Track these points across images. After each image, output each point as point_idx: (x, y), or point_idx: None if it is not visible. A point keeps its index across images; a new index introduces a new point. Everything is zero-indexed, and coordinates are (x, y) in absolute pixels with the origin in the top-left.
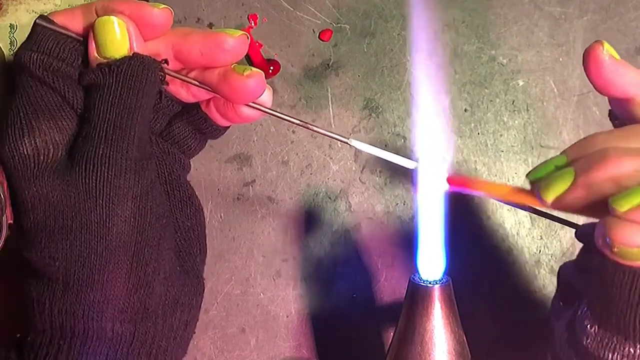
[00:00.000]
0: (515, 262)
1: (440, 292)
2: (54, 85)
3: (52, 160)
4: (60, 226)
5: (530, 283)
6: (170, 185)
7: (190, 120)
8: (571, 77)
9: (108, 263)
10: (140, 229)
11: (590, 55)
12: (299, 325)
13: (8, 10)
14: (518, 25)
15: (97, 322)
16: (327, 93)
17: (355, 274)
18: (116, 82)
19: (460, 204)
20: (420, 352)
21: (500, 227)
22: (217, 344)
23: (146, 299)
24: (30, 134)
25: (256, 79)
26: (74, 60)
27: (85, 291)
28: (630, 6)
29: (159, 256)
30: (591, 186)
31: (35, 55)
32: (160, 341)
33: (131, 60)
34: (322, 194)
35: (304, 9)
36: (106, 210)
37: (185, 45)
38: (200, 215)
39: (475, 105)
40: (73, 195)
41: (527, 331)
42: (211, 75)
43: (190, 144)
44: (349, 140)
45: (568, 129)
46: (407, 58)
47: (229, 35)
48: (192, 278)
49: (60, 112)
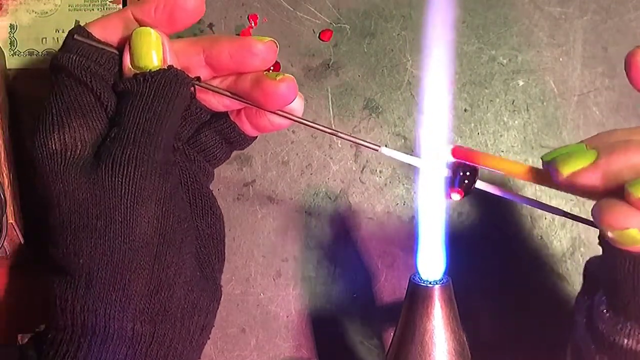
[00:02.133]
0: (515, 262)
1: (440, 292)
2: (91, 85)
3: (79, 158)
4: (85, 224)
5: (531, 283)
6: (192, 193)
7: (218, 129)
8: (571, 77)
9: (131, 263)
10: (162, 232)
11: (631, 61)
12: (299, 325)
13: (8, 10)
14: (518, 25)
15: (118, 321)
16: (327, 93)
17: (355, 274)
18: (149, 90)
19: (460, 204)
20: (420, 352)
21: (500, 227)
22: (217, 344)
23: (167, 301)
24: (60, 130)
25: (288, 83)
26: (111, 67)
27: (107, 290)
28: (630, 6)
29: (180, 260)
30: (610, 169)
31: (74, 57)
32: (177, 344)
33: (166, 73)
34: (322, 194)
35: (304, 9)
36: (130, 210)
37: (215, 48)
38: (221, 224)
39: (475, 105)
40: (99, 193)
41: (527, 331)
42: (243, 83)
43: (215, 153)
44: (380, 149)
45: (568, 129)
46: (407, 58)
47: (257, 40)
48: (211, 284)
49: (92, 111)
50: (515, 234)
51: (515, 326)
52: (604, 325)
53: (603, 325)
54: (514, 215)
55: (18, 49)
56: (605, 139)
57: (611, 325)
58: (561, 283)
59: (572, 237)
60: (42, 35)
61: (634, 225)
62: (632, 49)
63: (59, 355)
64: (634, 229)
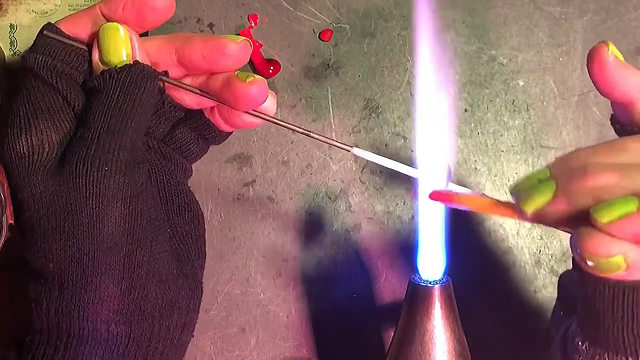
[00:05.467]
0: (515, 262)
1: (440, 292)
2: (57, 85)
3: (46, 160)
4: (53, 226)
5: (530, 283)
6: (169, 190)
7: (193, 126)
8: (571, 77)
9: (100, 264)
10: (131, 231)
11: (594, 55)
12: (299, 325)
13: (8, 10)
14: (518, 25)
15: (92, 322)
16: (327, 93)
17: (355, 274)
18: (114, 87)
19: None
20: (420, 352)
21: (500, 227)
22: (217, 344)
23: (141, 300)
24: (27, 132)
25: (259, 85)
26: (79, 65)
27: (79, 292)
28: (630, 6)
29: (152, 258)
30: (571, 199)
31: (40, 57)
32: (156, 343)
33: (132, 68)
34: (322, 194)
35: (304, 9)
36: (96, 210)
37: (188, 48)
38: (199, 220)
39: (475, 105)
40: (64, 195)
41: (527, 331)
42: (215, 82)
43: (192, 149)
44: (352, 149)
45: (568, 129)
46: (407, 58)
47: (230, 40)
48: (190, 281)
49: (59, 113)
50: (515, 234)
51: (516, 326)
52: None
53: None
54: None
55: (18, 49)
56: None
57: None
58: None
59: None
60: None
61: (617, 251)
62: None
63: (36, 358)
64: (618, 256)
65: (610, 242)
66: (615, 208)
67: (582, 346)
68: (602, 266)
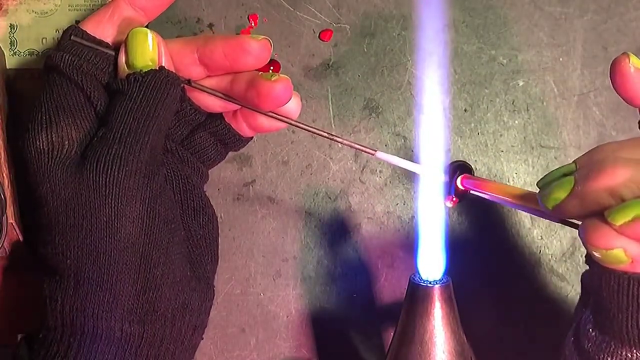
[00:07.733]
0: (515, 262)
1: (440, 292)
2: (81, 84)
3: (66, 157)
4: (72, 223)
5: (531, 283)
6: (184, 194)
7: (213, 131)
8: (571, 77)
9: (116, 263)
10: (148, 232)
11: (616, 67)
12: (299, 325)
13: (8, 10)
14: (518, 25)
15: (106, 321)
16: (327, 93)
17: (355, 274)
18: (139, 91)
19: (460, 204)
20: (420, 352)
21: (500, 227)
22: (217, 344)
23: (155, 301)
24: (48, 128)
25: (283, 84)
26: (104, 67)
27: (95, 290)
28: (630, 6)
29: (167, 260)
30: (586, 196)
31: (67, 56)
32: (168, 344)
33: (157, 74)
34: (322, 194)
35: (304, 9)
36: (115, 210)
37: (209, 46)
38: (214, 224)
39: (475, 105)
40: (84, 193)
41: (527, 331)
42: (238, 84)
43: (210, 154)
44: (376, 153)
45: (568, 129)
46: (407, 58)
47: (252, 38)
48: (202, 284)
49: (81, 111)
50: (515, 234)
51: (516, 326)
52: (589, 344)
53: (589, 344)
54: (514, 214)
55: (18, 49)
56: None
57: (596, 344)
58: (561, 283)
59: (572, 237)
60: (42, 35)
61: (617, 245)
62: (618, 56)
63: (49, 355)
64: (618, 249)
65: (611, 235)
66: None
67: (592, 333)
68: (605, 257)
